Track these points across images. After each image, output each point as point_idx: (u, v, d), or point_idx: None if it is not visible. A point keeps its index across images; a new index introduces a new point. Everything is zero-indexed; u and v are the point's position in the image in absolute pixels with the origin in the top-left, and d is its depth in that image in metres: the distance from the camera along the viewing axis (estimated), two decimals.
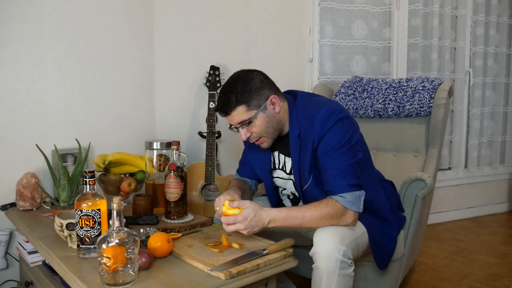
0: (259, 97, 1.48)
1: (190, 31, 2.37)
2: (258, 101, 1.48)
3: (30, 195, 1.81)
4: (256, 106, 1.48)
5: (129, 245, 1.12)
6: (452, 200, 3.25)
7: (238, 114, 1.48)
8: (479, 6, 3.15)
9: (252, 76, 1.50)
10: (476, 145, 3.25)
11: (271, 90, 1.52)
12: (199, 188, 2.21)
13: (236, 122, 1.50)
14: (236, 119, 1.49)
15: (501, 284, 2.20)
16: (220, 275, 1.18)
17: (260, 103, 1.48)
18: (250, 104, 1.47)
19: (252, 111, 1.48)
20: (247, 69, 1.55)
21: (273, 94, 1.51)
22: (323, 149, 1.46)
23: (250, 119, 1.48)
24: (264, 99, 1.49)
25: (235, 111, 1.47)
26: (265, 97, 1.49)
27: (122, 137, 2.21)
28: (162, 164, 1.81)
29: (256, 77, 1.50)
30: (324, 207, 1.40)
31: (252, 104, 1.47)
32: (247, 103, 1.47)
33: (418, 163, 2.11)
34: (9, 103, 1.91)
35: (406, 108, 2.15)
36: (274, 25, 2.63)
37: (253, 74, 1.51)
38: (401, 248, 1.74)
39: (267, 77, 1.55)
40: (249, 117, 1.48)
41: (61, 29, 2.00)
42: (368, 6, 2.84)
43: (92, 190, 1.30)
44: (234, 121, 1.51)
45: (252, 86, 1.47)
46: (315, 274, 1.38)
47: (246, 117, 1.48)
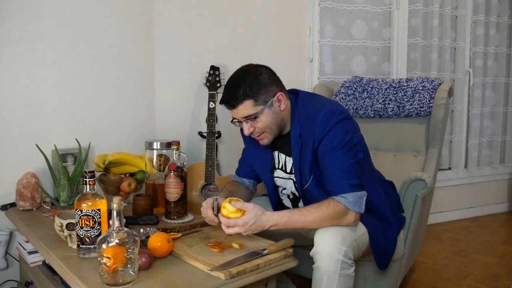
0: (267, 93, 1.47)
1: (190, 31, 2.37)
2: (265, 97, 1.47)
3: (30, 195, 1.81)
4: (263, 102, 1.47)
5: (129, 245, 1.12)
6: (452, 200, 3.25)
7: (244, 108, 1.46)
8: (479, 6, 3.15)
9: (261, 71, 1.49)
10: (476, 145, 3.25)
11: (278, 87, 1.51)
12: (199, 188, 2.21)
13: (241, 116, 1.48)
14: (241, 113, 1.47)
15: (501, 284, 2.20)
16: (220, 275, 1.18)
17: (267, 99, 1.47)
18: (258, 99, 1.46)
19: (258, 106, 1.46)
20: (255, 64, 1.54)
21: (280, 91, 1.51)
22: (324, 149, 1.46)
23: (256, 114, 1.47)
24: (272, 95, 1.48)
25: (242, 105, 1.46)
26: (273, 94, 1.48)
27: (122, 137, 2.21)
28: (162, 164, 1.81)
29: (265, 72, 1.49)
30: (326, 208, 1.39)
31: (260, 99, 1.46)
32: (255, 97, 1.45)
33: (418, 163, 2.11)
34: (9, 103, 1.91)
35: (406, 108, 2.15)
36: (274, 25, 2.63)
37: (262, 69, 1.50)
38: (401, 248, 1.74)
39: (274, 73, 1.54)
40: (255, 112, 1.47)
41: (61, 29, 2.00)
42: (368, 6, 2.85)
43: (92, 190, 1.30)
44: (239, 115, 1.49)
45: (261, 81, 1.46)
46: (316, 274, 1.38)
47: (252, 112, 1.47)
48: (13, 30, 1.89)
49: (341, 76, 2.84)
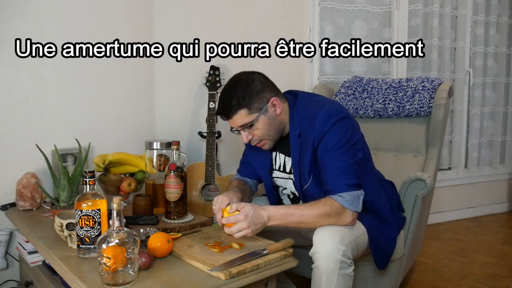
0: (260, 100, 1.47)
1: (190, 30, 2.37)
2: (259, 104, 1.47)
3: (30, 195, 1.81)
4: (257, 109, 1.47)
5: (129, 245, 1.12)
6: (452, 200, 3.25)
7: (239, 117, 1.47)
8: (479, 6, 3.15)
9: (253, 78, 1.49)
10: (476, 145, 3.25)
11: (272, 92, 1.51)
12: (199, 188, 2.21)
13: (237, 125, 1.50)
14: (237, 122, 1.49)
15: (501, 284, 2.20)
16: (220, 275, 1.18)
17: (261, 106, 1.48)
18: (252, 108, 1.46)
19: (253, 114, 1.47)
20: (247, 71, 1.54)
21: (274, 96, 1.51)
22: (323, 149, 1.46)
23: (251, 122, 1.48)
24: (265, 101, 1.49)
25: (236, 115, 1.47)
26: (266, 100, 1.49)
27: (122, 137, 2.21)
28: (162, 164, 1.81)
29: (256, 79, 1.50)
30: (322, 205, 1.40)
31: (254, 107, 1.47)
32: (248, 106, 1.46)
33: (418, 163, 2.11)
34: (9, 103, 1.91)
35: (406, 108, 2.15)
36: (274, 25, 2.63)
37: (253, 76, 1.51)
38: (401, 248, 1.74)
39: (267, 78, 1.54)
40: (251, 120, 1.48)
41: (61, 29, 2.00)
42: (368, 6, 2.85)
43: (92, 190, 1.30)
44: (236, 125, 1.50)
45: (253, 89, 1.47)
46: (315, 274, 1.38)
47: (248, 121, 1.48)
48: (13, 30, 1.89)
49: (341, 76, 2.84)
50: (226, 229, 1.37)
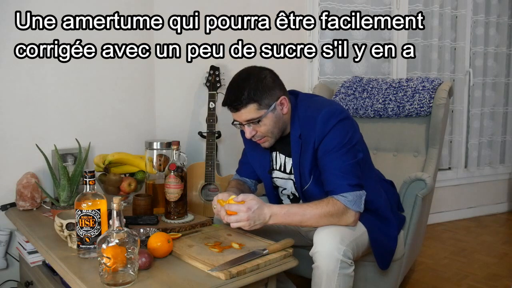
0: (270, 96, 1.45)
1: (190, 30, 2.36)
2: (269, 101, 1.45)
3: (30, 195, 1.81)
4: (267, 106, 1.45)
5: (129, 245, 1.12)
6: (452, 200, 3.25)
7: (248, 111, 1.45)
8: (479, 6, 3.15)
9: (265, 74, 1.48)
10: (476, 145, 3.25)
11: (281, 91, 1.50)
12: (199, 188, 2.21)
13: (244, 119, 1.47)
14: (244, 116, 1.46)
15: (501, 284, 2.20)
16: (220, 275, 1.18)
17: (270, 103, 1.46)
18: (262, 103, 1.44)
19: (262, 110, 1.45)
20: (258, 66, 1.52)
21: (283, 95, 1.50)
22: (324, 150, 1.46)
23: (259, 118, 1.46)
24: (275, 99, 1.47)
25: (245, 109, 1.44)
26: (276, 97, 1.47)
27: (122, 137, 2.21)
28: (162, 164, 1.81)
29: (269, 75, 1.48)
30: (325, 205, 1.39)
31: (264, 103, 1.44)
32: (258, 101, 1.43)
33: (418, 163, 2.11)
34: (9, 103, 1.91)
35: (406, 108, 2.15)
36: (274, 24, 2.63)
37: (265, 72, 1.49)
38: (401, 248, 1.74)
39: (277, 76, 1.52)
40: (259, 116, 1.45)
41: (61, 29, 2.00)
42: (368, 6, 2.84)
43: (92, 190, 1.30)
44: (242, 118, 1.47)
45: (265, 85, 1.45)
46: (315, 274, 1.38)
47: (256, 116, 1.45)
48: (13, 30, 1.89)
49: (341, 76, 2.84)
50: (226, 217, 1.37)
